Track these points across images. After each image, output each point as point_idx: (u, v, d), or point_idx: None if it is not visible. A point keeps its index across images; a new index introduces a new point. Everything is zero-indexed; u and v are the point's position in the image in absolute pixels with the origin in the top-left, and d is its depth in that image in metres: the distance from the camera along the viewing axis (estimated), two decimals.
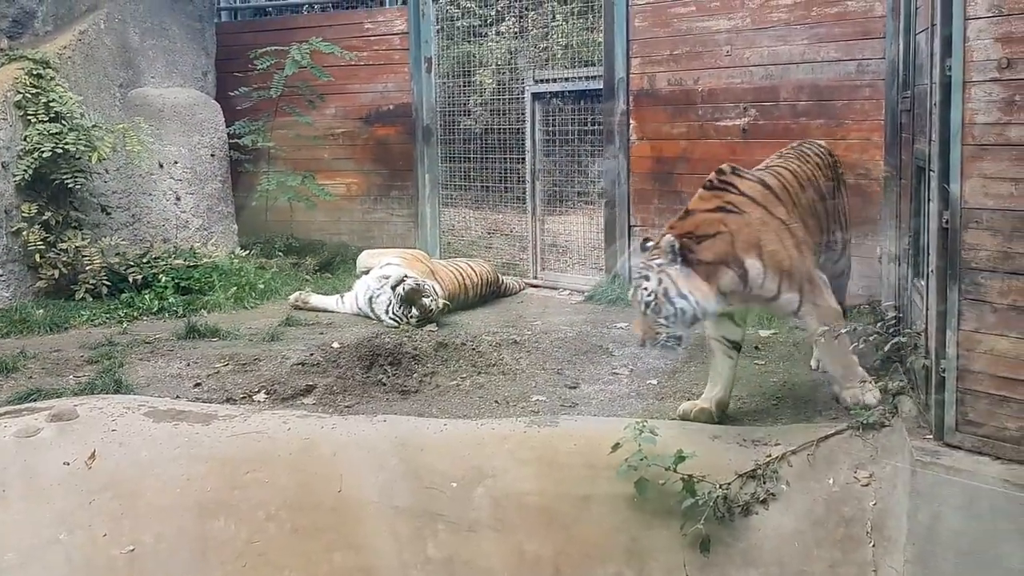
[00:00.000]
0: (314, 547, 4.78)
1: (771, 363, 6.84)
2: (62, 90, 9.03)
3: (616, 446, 4.82)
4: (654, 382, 6.47)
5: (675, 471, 4.77)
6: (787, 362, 6.84)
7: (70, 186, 8.89)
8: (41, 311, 8.44)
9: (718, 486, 4.82)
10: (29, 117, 8.81)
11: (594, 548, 4.87)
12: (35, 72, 8.96)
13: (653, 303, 5.18)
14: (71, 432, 5.22)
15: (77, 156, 8.85)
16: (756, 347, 7.24)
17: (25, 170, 8.64)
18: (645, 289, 5.21)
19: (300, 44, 10.83)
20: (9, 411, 5.61)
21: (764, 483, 4.90)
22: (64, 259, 8.84)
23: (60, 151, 8.71)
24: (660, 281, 5.19)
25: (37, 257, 8.75)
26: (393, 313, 8.19)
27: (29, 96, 8.84)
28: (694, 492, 4.77)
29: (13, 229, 8.68)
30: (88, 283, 8.91)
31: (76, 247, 8.91)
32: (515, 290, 9.97)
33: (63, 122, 8.85)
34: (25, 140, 8.75)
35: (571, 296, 9.69)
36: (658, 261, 5.23)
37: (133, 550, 4.62)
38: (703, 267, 5.23)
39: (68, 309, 8.58)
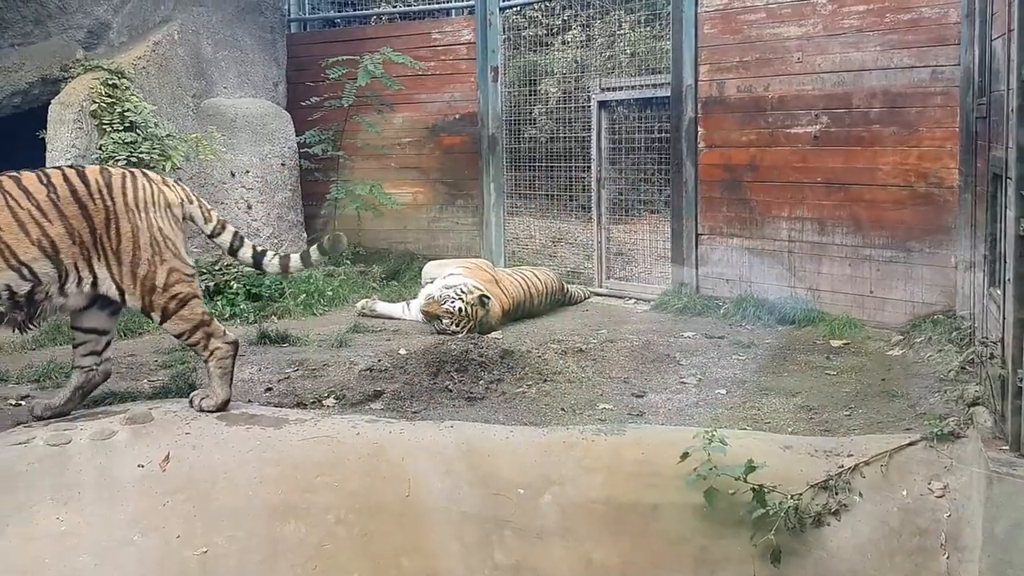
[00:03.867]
0: (382, 551, 4.81)
1: (843, 373, 6.75)
2: (137, 100, 9.19)
3: (685, 455, 4.78)
4: (723, 392, 6.42)
5: (745, 481, 4.72)
6: (859, 372, 6.75)
7: None
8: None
9: (789, 496, 4.76)
10: (104, 126, 8.97)
11: (662, 557, 4.84)
12: (110, 82, 9.12)
13: None
14: (146, 435, 5.30)
15: (151, 165, 8.98)
16: (827, 357, 7.16)
17: None
18: None
19: (372, 54, 10.93)
20: (85, 414, 5.72)
21: (836, 494, 4.84)
22: None
23: (135, 160, 8.85)
24: None
25: None
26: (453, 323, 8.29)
27: (104, 106, 9.00)
28: (765, 502, 4.71)
29: None
30: None
31: None
32: (580, 298, 9.96)
33: (138, 131, 9.00)
34: (100, 149, 8.91)
35: (637, 305, 9.66)
36: None
37: (206, 552, 4.68)
38: None
39: (140, 315, 8.70)
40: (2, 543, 4.62)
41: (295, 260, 6.32)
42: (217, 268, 9.49)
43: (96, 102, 8.96)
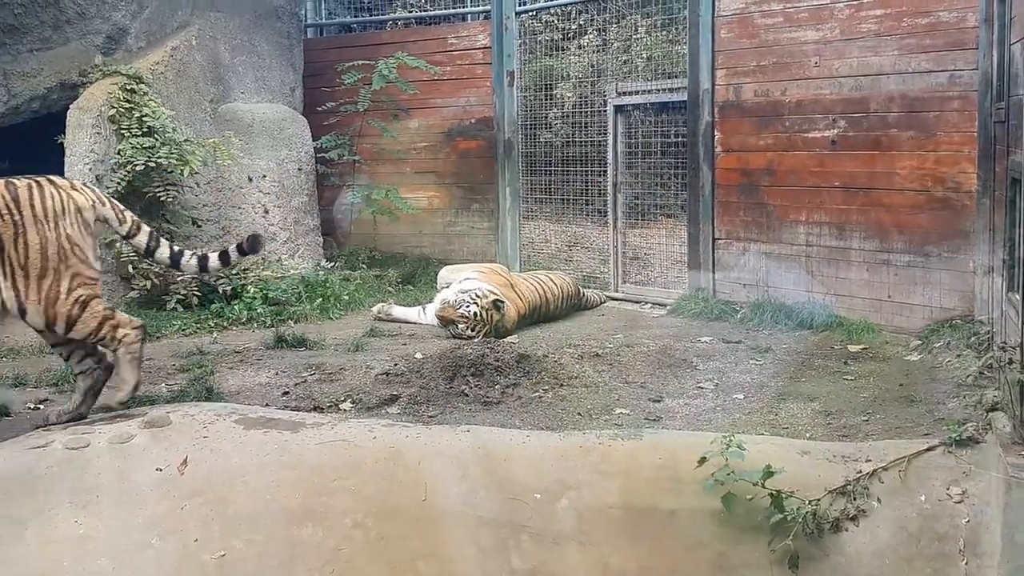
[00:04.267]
0: (399, 555, 4.81)
1: (861, 378, 6.73)
2: (155, 105, 9.24)
3: (703, 460, 4.77)
4: (740, 397, 6.40)
5: (763, 486, 4.70)
6: (877, 377, 6.72)
7: (162, 199, 9.09)
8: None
9: (807, 502, 4.74)
10: (123, 131, 9.04)
11: (679, 563, 4.82)
12: (129, 87, 9.19)
13: None
14: (164, 439, 5.31)
15: (169, 170, 9.05)
16: (845, 362, 7.14)
17: (119, 183, 8.86)
18: None
19: (387, 59, 10.96)
20: (103, 417, 5.73)
21: (854, 499, 4.81)
22: (156, 270, 9.03)
23: (153, 165, 8.91)
24: None
25: (130, 268, 8.97)
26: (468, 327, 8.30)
27: (123, 111, 9.06)
28: (783, 508, 4.69)
29: (107, 241, 8.86)
30: (179, 294, 9.11)
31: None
32: (596, 303, 9.95)
33: (156, 136, 9.06)
34: (119, 154, 8.98)
35: (653, 309, 9.65)
36: None
37: (224, 555, 4.68)
38: None
39: (160, 319, 8.76)
40: (21, 547, 4.63)
41: (213, 259, 6.26)
42: (234, 272, 9.53)
43: (114, 107, 9.03)
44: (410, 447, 5.32)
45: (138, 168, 8.86)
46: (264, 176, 10.64)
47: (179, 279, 9.12)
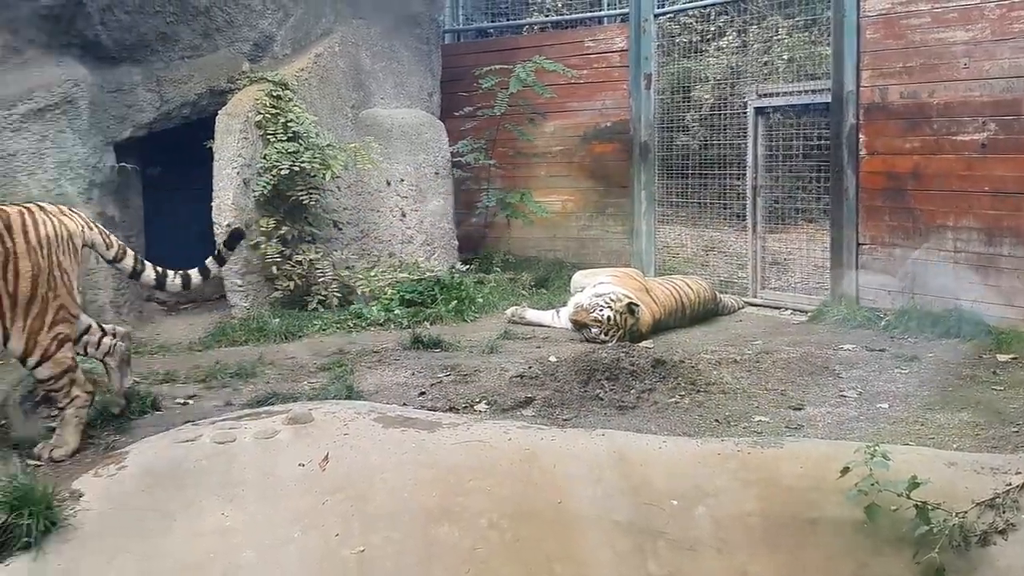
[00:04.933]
0: (535, 557, 4.80)
1: (1010, 388, 6.47)
2: (299, 110, 9.48)
3: (845, 470, 4.65)
4: (885, 406, 6.22)
5: (908, 497, 4.56)
6: None
7: (305, 202, 9.31)
8: (277, 320, 8.84)
9: (954, 514, 4.57)
10: (268, 136, 9.29)
11: (819, 573, 4.70)
12: (275, 93, 9.44)
13: None
14: (306, 435, 5.42)
15: (312, 174, 9.26)
16: (994, 372, 6.88)
17: (264, 187, 9.11)
18: None
19: (525, 63, 11.02)
20: (249, 413, 5.89)
21: (1003, 512, 4.61)
22: (298, 271, 9.26)
23: (297, 169, 9.14)
24: None
25: (274, 269, 9.21)
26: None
27: (269, 116, 9.31)
28: (928, 520, 4.54)
29: (252, 243, 9.14)
30: (320, 294, 9.32)
31: (310, 260, 9.33)
32: (733, 309, 9.80)
33: (300, 141, 9.28)
34: (265, 158, 9.23)
35: (793, 316, 9.45)
36: None
37: (363, 551, 4.75)
38: None
39: (301, 319, 8.98)
40: (171, 538, 4.78)
41: (195, 275, 6.32)
42: (372, 274, 9.70)
43: (261, 113, 9.27)
44: (545, 450, 5.32)
45: (283, 172, 9.08)
46: (402, 180, 10.81)
47: (320, 280, 9.33)
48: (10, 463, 5.40)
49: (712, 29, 10.92)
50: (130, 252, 6.06)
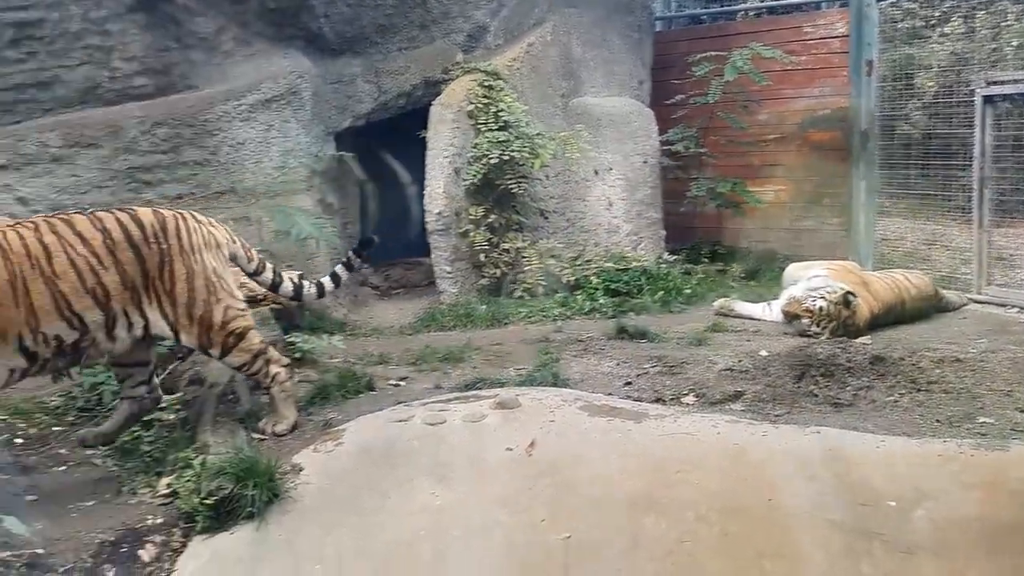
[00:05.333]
0: (743, 552, 4.71)
1: None
2: (510, 100, 9.58)
3: None
4: None
5: None
6: None
7: (514, 191, 9.41)
8: (484, 307, 8.99)
9: None
10: (479, 126, 9.43)
11: None
12: (486, 83, 9.57)
13: None
14: (513, 420, 5.49)
15: (521, 163, 9.35)
16: None
17: (474, 175, 9.25)
18: None
19: (740, 49, 10.80)
20: (458, 396, 6.01)
21: None
22: (505, 259, 9.38)
23: (506, 158, 9.24)
24: None
25: (482, 257, 9.35)
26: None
27: (480, 106, 9.46)
28: None
29: (461, 230, 9.32)
30: (526, 283, 9.40)
31: (516, 248, 9.43)
32: (956, 305, 9.32)
33: (510, 130, 9.38)
34: (475, 147, 9.38)
35: (1020, 314, 8.92)
36: None
37: (569, 537, 4.78)
38: None
39: (507, 306, 9.09)
40: (384, 515, 4.93)
41: (327, 282, 6.45)
42: (578, 263, 9.72)
43: (473, 102, 9.42)
44: (755, 445, 5.22)
45: (492, 161, 9.20)
46: (610, 169, 10.78)
47: (526, 268, 9.42)
48: (237, 436, 5.69)
49: (936, 15, 10.41)
50: (269, 266, 6.23)
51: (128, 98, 8.61)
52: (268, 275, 6.18)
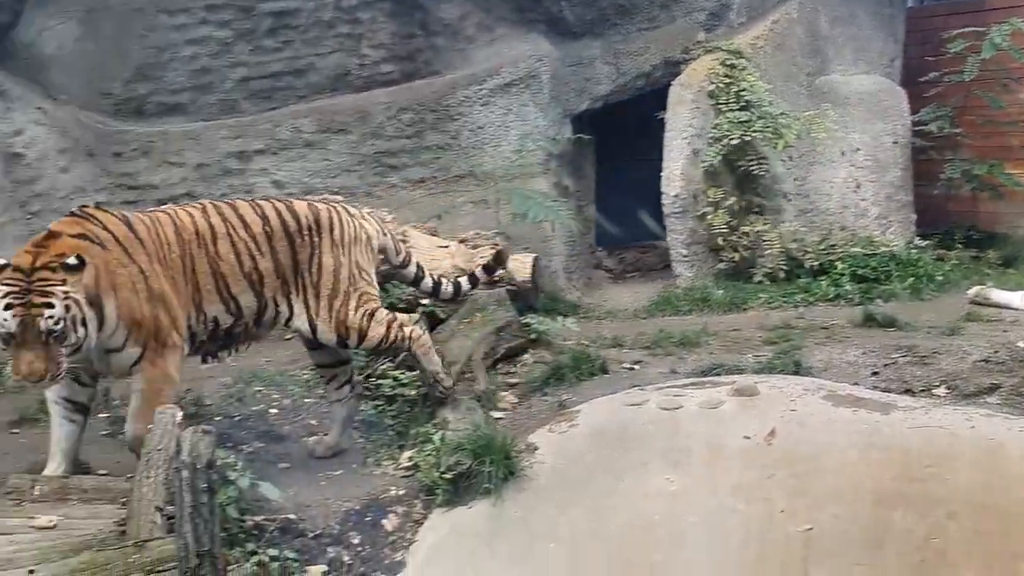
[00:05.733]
0: (997, 553, 4.45)
1: None
2: (752, 79, 9.33)
3: None
4: None
5: None
6: None
7: (754, 172, 9.19)
8: (720, 291, 8.83)
9: None
10: (720, 106, 9.25)
11: None
12: (728, 62, 9.37)
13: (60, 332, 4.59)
14: (752, 408, 5.37)
15: (763, 144, 9.11)
16: None
17: (714, 157, 9.09)
18: (50, 317, 4.56)
19: (1000, 25, 10.15)
20: (694, 382, 5.93)
21: None
22: (744, 243, 9.17)
23: (747, 139, 9.03)
24: (69, 307, 4.60)
25: (720, 240, 9.18)
26: None
27: (722, 86, 9.27)
28: None
29: (699, 213, 9.18)
30: (766, 267, 9.16)
31: (757, 231, 9.19)
32: None
33: (752, 110, 9.15)
34: (715, 128, 9.20)
35: None
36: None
37: (810, 529, 4.64)
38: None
39: (746, 291, 8.89)
40: (618, 497, 4.94)
41: (464, 283, 6.38)
42: (822, 247, 9.41)
43: (714, 82, 9.26)
44: (1013, 441, 4.95)
45: (733, 142, 9.02)
46: (857, 150, 10.34)
47: (766, 252, 9.18)
48: (475, 414, 5.81)
49: None
50: (414, 260, 6.25)
51: (376, 84, 8.94)
52: (412, 269, 6.21)
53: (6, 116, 8.35)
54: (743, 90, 9.21)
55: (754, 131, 9.02)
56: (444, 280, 6.41)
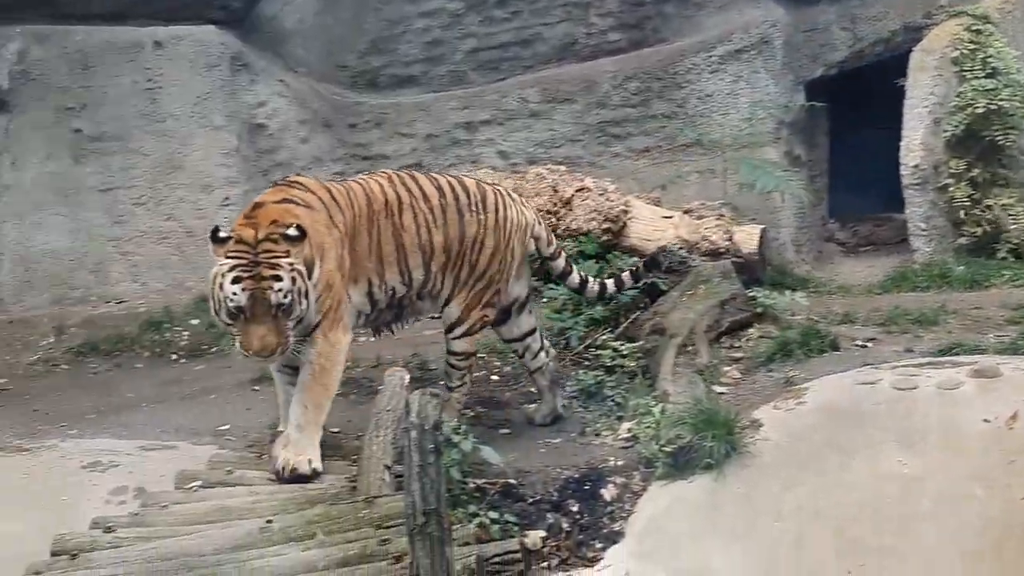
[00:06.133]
0: None
1: None
2: (1000, 45, 8.84)
3: None
4: None
5: None
6: None
7: (1001, 143, 8.69)
8: (961, 268, 8.40)
9: None
10: (964, 73, 8.79)
11: None
12: (974, 28, 8.89)
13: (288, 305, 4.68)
14: (992, 390, 5.09)
15: (1011, 112, 8.62)
16: None
17: (956, 126, 8.66)
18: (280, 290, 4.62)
19: None
20: (931, 362, 5.68)
21: None
22: (988, 217, 8.71)
23: (994, 107, 8.56)
24: (295, 280, 4.68)
25: (962, 214, 8.74)
26: None
27: (966, 52, 8.81)
28: None
29: (939, 185, 8.77)
30: (1011, 242, 8.66)
31: (1002, 205, 8.71)
32: None
33: (999, 78, 8.68)
34: (958, 97, 8.75)
35: None
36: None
37: None
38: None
39: (988, 267, 8.42)
40: (846, 477, 4.80)
41: (610, 284, 6.32)
42: None
43: (958, 48, 8.81)
44: None
45: (978, 111, 8.56)
46: None
47: (1012, 227, 8.68)
48: (696, 387, 5.77)
49: None
50: (564, 253, 6.19)
51: (602, 53, 8.97)
52: (561, 262, 6.16)
53: (251, 88, 8.84)
54: (990, 56, 8.73)
55: (1001, 99, 8.55)
56: (591, 279, 6.39)
